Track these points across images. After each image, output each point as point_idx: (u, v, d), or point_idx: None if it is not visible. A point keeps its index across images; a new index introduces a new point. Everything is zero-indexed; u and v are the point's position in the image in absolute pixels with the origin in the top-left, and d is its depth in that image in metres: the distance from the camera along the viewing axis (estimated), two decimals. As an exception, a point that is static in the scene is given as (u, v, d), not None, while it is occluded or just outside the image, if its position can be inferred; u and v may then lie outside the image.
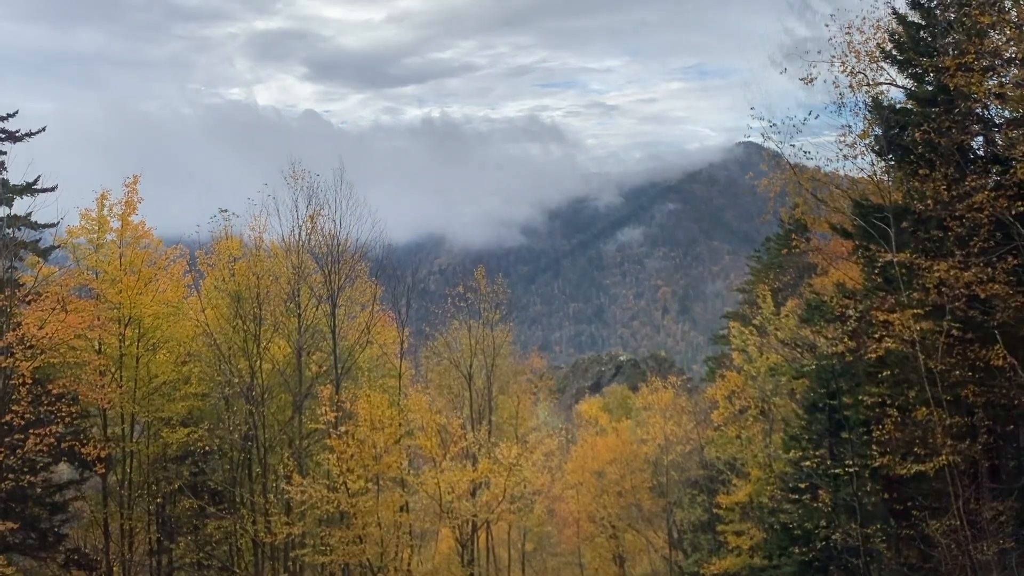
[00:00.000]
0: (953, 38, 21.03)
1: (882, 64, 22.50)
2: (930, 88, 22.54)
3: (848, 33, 21.62)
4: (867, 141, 22.08)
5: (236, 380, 26.91)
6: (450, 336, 36.77)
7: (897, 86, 23.06)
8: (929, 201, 20.55)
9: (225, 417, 28.13)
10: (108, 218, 28.07)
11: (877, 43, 22.46)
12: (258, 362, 27.23)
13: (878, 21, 22.56)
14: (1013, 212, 18.41)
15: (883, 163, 22.68)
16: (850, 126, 22.32)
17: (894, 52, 23.03)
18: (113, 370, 27.37)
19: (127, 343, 27.59)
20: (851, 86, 21.32)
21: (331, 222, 28.20)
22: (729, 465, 35.32)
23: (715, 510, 35.97)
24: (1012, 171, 18.79)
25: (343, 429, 23.84)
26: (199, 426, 27.46)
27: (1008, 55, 20.51)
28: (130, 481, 28.22)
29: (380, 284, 31.92)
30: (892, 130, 21.71)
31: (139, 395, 27.52)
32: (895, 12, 23.24)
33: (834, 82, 21.99)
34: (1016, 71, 20.30)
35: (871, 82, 21.74)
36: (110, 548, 27.34)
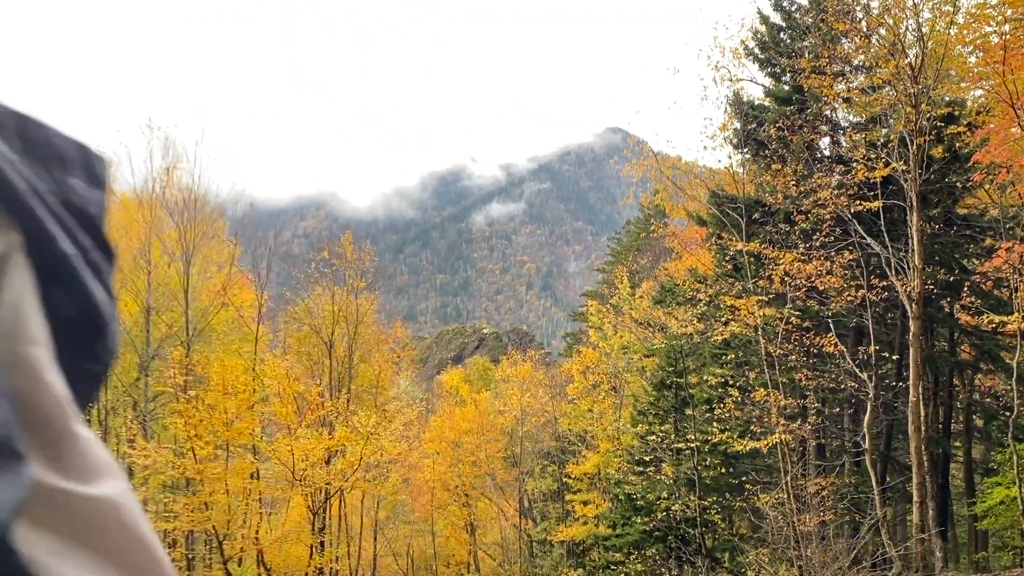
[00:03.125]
0: (810, 42, 22.29)
1: (744, 60, 23.59)
2: (786, 87, 23.84)
3: (715, 28, 22.50)
4: (726, 134, 23.14)
5: (77, 338, 25.34)
6: (312, 302, 35.97)
7: (757, 83, 24.25)
8: (779, 195, 21.81)
9: (63, 376, 26.52)
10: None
11: (741, 40, 23.53)
12: (102, 320, 25.76)
13: (743, 19, 23.60)
14: (852, 210, 19.77)
15: (739, 156, 23.85)
16: (711, 118, 23.33)
17: (756, 50, 24.18)
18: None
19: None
20: (714, 80, 22.24)
21: (189, 176, 27.00)
22: (580, 437, 36.48)
23: (564, 480, 37.11)
24: (853, 172, 20.18)
25: (193, 393, 22.99)
26: (33, 385, 25.78)
27: (857, 62, 21.97)
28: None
29: (240, 244, 30.85)
30: (749, 125, 22.81)
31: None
32: (759, 12, 24.40)
33: (699, 75, 22.91)
34: (863, 78, 21.77)
35: (733, 77, 22.74)
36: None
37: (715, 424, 23.45)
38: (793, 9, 24.23)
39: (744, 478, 24.03)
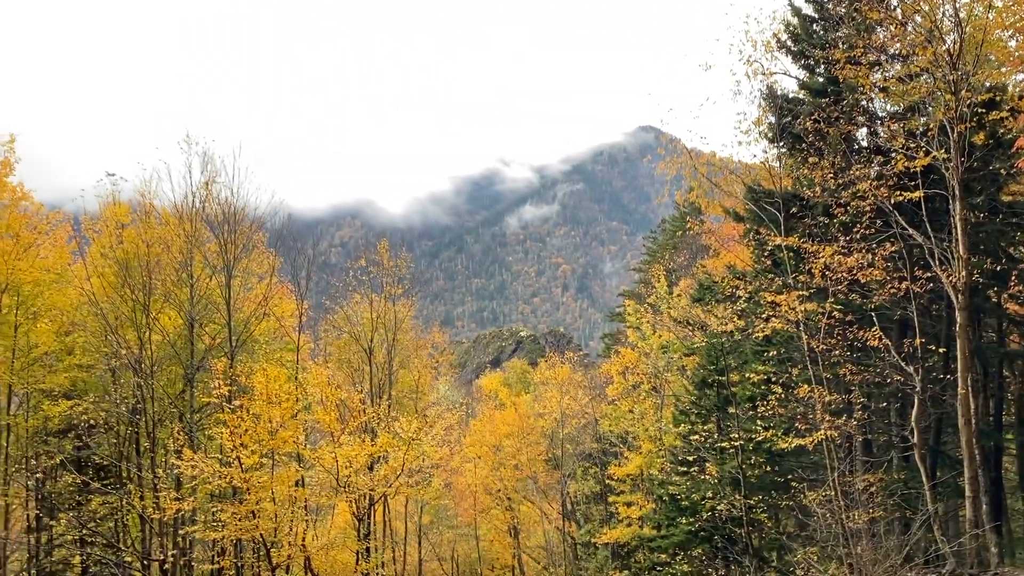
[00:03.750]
0: (844, 32, 21.97)
1: (777, 54, 23.33)
2: (821, 79, 23.54)
3: (746, 22, 22.30)
4: (760, 128, 22.90)
5: (124, 351, 25.88)
6: (351, 310, 36.30)
7: (790, 76, 23.98)
8: (817, 188, 21.53)
9: (111, 389, 27.05)
10: (-18, 179, 26.39)
11: (773, 33, 23.27)
12: (147, 333, 26.25)
13: (774, 12, 23.35)
14: (892, 201, 19.44)
15: (775, 150, 23.57)
16: (745, 113, 23.13)
17: (789, 43, 23.91)
18: (-12, 339, 25.94)
19: (4, 311, 26.11)
20: (747, 74, 22.02)
21: (227, 190, 27.36)
22: (621, 438, 36.31)
23: (607, 482, 36.97)
24: (893, 162, 19.85)
25: (237, 403, 23.29)
26: (83, 398, 26.34)
27: (893, 51, 21.61)
28: (6, 456, 26.85)
29: (279, 255, 31.21)
30: (784, 118, 22.56)
31: (17, 365, 26.14)
32: (791, 4, 24.12)
33: (731, 70, 22.75)
34: (899, 66, 21.41)
35: (766, 71, 22.49)
36: (-16, 526, 25.99)
37: (759, 422, 23.20)
38: (825, 0, 23.93)
39: (790, 476, 23.74)
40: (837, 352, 20.46)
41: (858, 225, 20.12)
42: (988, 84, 19.79)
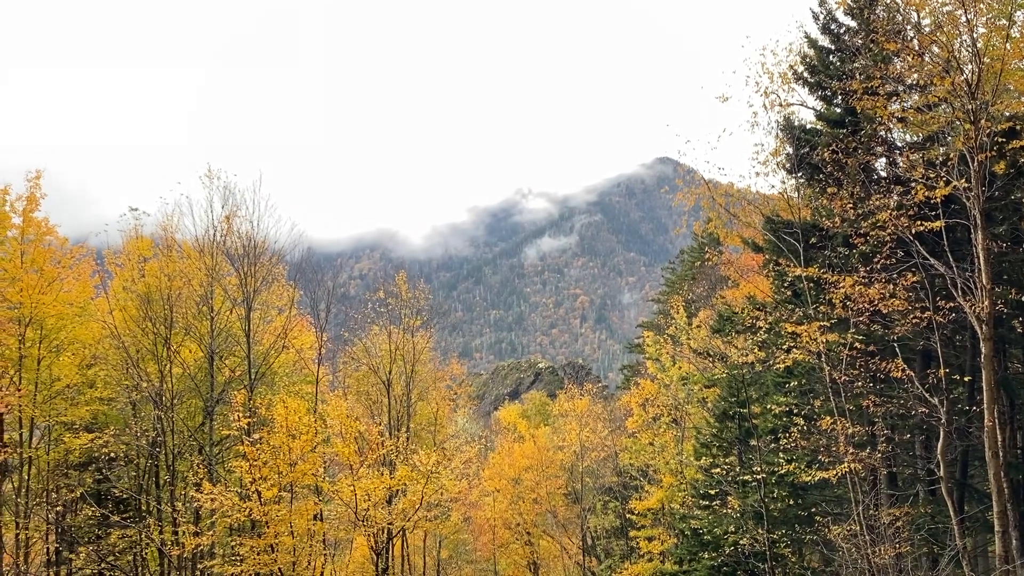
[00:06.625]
0: (861, 63, 22.01)
1: (794, 85, 23.40)
2: (838, 110, 23.55)
3: (762, 54, 22.40)
4: (778, 159, 22.89)
5: (144, 384, 26.03)
6: (369, 342, 36.36)
7: (807, 107, 24.01)
8: (836, 218, 21.44)
9: (132, 422, 27.18)
10: (9, 214, 26.77)
11: (790, 65, 23.35)
12: (168, 366, 26.41)
13: (790, 44, 23.47)
14: (913, 231, 19.30)
15: (793, 181, 23.54)
16: (762, 144, 23.16)
17: (805, 74, 23.98)
18: (11, 372, 26.13)
19: (28, 344, 26.37)
20: (764, 106, 22.06)
21: (248, 223, 27.62)
22: (642, 472, 35.95)
23: (628, 516, 36.55)
24: (913, 192, 19.75)
25: (257, 436, 23.32)
26: (104, 431, 26.45)
27: (910, 81, 21.60)
28: (27, 489, 26.95)
29: (298, 288, 31.38)
30: (802, 149, 22.55)
31: (40, 399, 26.34)
32: (807, 36, 24.23)
33: (748, 102, 22.83)
34: (917, 97, 21.38)
35: (783, 102, 22.55)
36: (3, 560, 26.02)
37: (781, 455, 22.91)
38: (841, 32, 24.02)
39: (813, 509, 23.38)
40: (860, 383, 20.22)
41: (878, 255, 19.97)
42: (1008, 113, 19.72)
